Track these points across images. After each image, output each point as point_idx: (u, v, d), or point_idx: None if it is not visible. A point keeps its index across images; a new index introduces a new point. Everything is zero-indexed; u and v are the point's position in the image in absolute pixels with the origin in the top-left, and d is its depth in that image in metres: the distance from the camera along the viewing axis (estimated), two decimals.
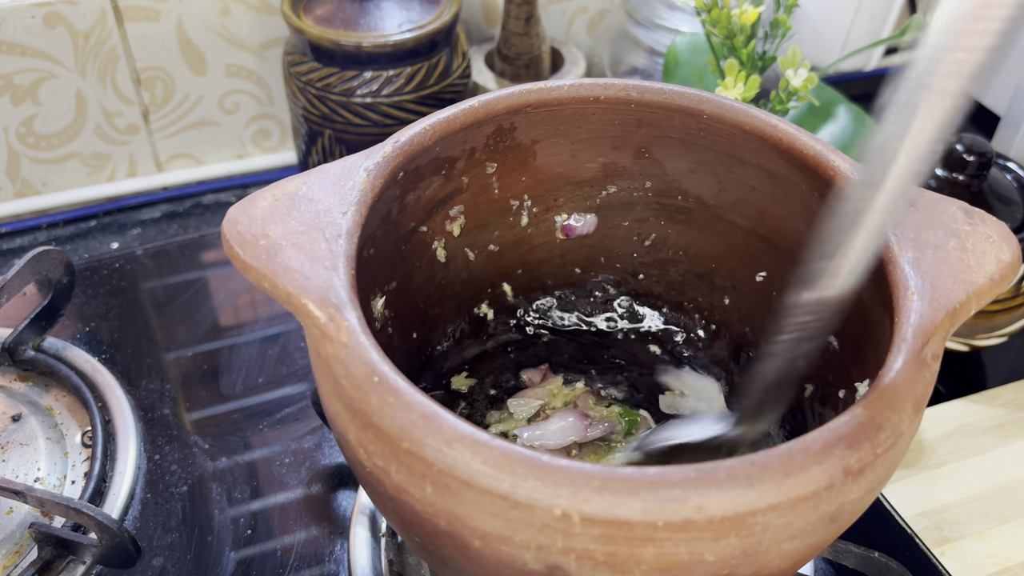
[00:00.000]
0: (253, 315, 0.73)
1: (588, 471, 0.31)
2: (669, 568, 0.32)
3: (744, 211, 0.53)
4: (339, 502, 0.60)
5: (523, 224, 0.57)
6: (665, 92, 0.50)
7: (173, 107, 0.82)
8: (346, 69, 0.73)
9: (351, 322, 0.37)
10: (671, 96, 0.50)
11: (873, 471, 0.34)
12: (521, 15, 0.78)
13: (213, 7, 0.78)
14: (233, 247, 0.40)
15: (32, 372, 0.66)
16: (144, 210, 0.84)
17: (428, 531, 0.35)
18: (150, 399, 0.65)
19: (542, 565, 0.33)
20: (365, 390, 0.35)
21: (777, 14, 0.67)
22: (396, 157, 0.45)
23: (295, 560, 0.57)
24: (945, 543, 0.57)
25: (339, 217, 0.41)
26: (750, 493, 0.31)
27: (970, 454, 0.62)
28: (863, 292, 0.45)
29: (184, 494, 0.60)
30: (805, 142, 0.46)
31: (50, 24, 0.74)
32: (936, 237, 0.42)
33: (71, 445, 0.62)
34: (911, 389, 0.35)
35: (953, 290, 0.40)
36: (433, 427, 0.33)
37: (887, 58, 1.05)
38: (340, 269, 0.39)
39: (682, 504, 0.31)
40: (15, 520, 0.56)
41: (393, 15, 0.74)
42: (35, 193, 0.82)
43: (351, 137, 0.76)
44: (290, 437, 0.64)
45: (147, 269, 0.76)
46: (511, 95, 0.50)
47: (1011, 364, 0.71)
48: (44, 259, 0.64)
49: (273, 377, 0.68)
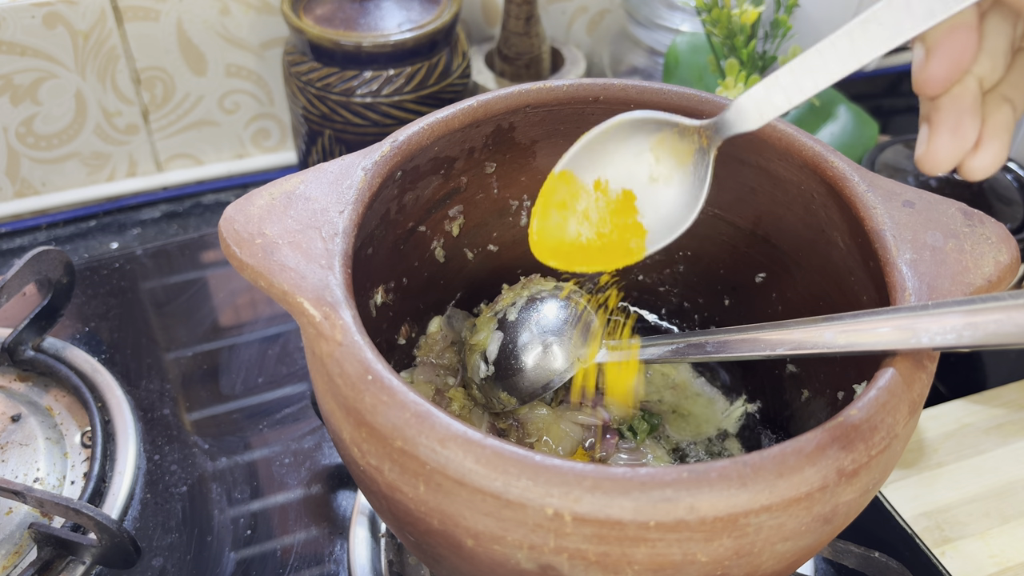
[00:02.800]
0: (253, 315, 0.73)
1: (580, 471, 0.31)
2: (662, 568, 0.32)
3: (744, 212, 0.53)
4: (339, 502, 0.60)
5: (522, 224, 0.57)
6: (665, 92, 0.50)
7: (173, 107, 0.82)
8: (346, 69, 0.73)
9: (346, 321, 0.37)
10: (671, 96, 0.50)
11: (868, 472, 0.34)
12: (521, 15, 0.78)
13: (213, 7, 0.78)
14: (230, 245, 0.40)
15: (32, 372, 0.66)
16: (144, 210, 0.84)
17: (421, 530, 0.35)
18: (150, 399, 0.66)
19: (535, 564, 0.33)
20: (359, 388, 0.35)
21: (777, 14, 0.67)
22: (394, 156, 0.45)
23: (295, 560, 0.57)
24: (946, 543, 0.57)
25: (336, 216, 0.41)
26: (743, 494, 0.31)
27: (971, 454, 0.62)
28: (862, 293, 0.45)
29: (184, 494, 0.60)
30: (804, 143, 0.46)
31: (50, 24, 0.74)
32: (934, 238, 0.41)
33: (71, 445, 0.62)
34: (907, 390, 0.35)
35: (951, 292, 0.39)
36: (426, 426, 0.33)
37: (887, 58, 1.05)
38: (336, 268, 0.39)
39: (674, 504, 0.31)
40: (15, 520, 0.56)
41: (393, 15, 0.74)
42: (35, 193, 0.82)
43: (351, 137, 0.76)
44: (290, 437, 0.64)
45: (147, 269, 0.76)
46: (510, 95, 0.50)
47: (1011, 364, 0.71)
48: (44, 259, 0.64)
49: (273, 377, 0.68)
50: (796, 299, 0.52)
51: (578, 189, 0.45)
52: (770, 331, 0.41)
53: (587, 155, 0.44)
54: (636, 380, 0.53)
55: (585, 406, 0.54)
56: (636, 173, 0.44)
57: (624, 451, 0.53)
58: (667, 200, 0.43)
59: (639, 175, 0.44)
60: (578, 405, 0.54)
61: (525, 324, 0.51)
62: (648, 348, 0.49)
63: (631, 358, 0.50)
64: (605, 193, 0.45)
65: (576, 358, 0.50)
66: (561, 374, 0.50)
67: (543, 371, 0.50)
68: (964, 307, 0.34)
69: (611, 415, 0.54)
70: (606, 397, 0.54)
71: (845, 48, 0.33)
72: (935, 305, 0.35)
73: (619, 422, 0.54)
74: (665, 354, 0.48)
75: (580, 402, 0.54)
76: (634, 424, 0.54)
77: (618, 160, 0.44)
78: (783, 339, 0.40)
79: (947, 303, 0.35)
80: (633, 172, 0.44)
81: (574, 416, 0.53)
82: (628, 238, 0.45)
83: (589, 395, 0.54)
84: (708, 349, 0.45)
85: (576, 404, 0.54)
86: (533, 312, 0.51)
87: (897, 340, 0.35)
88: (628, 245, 0.45)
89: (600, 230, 0.45)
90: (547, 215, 0.45)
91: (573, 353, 0.50)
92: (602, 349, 0.51)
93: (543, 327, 0.51)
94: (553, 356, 0.50)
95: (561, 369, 0.50)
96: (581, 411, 0.53)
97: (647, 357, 0.49)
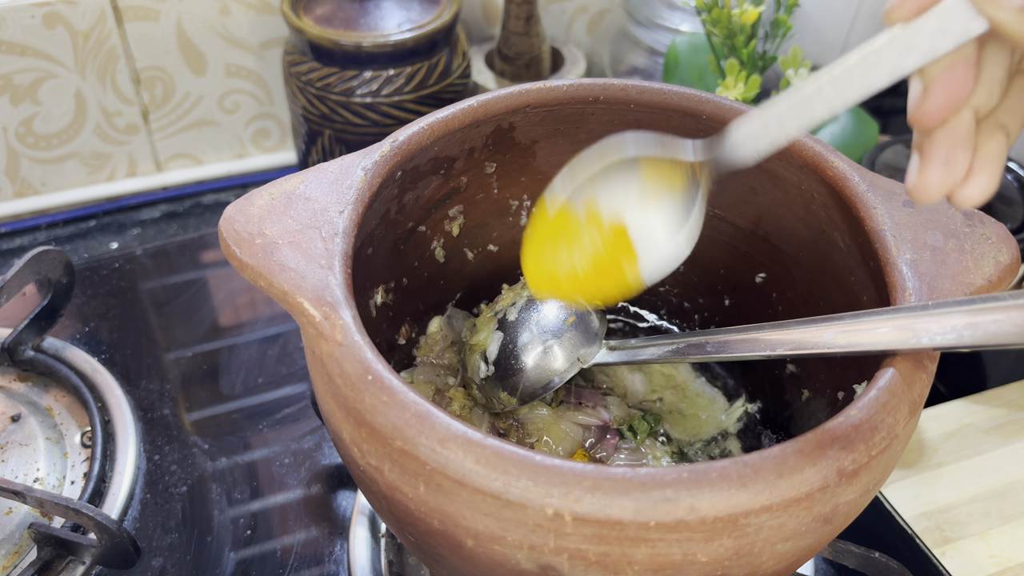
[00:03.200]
0: (253, 315, 0.73)
1: (580, 471, 0.31)
2: (662, 568, 0.32)
3: (744, 212, 0.53)
4: (339, 502, 0.60)
5: (522, 224, 0.57)
6: (664, 92, 0.50)
7: (173, 107, 0.82)
8: (346, 69, 0.73)
9: (346, 321, 0.37)
10: (670, 96, 0.50)
11: (868, 472, 0.34)
12: (521, 15, 0.78)
13: (213, 7, 0.78)
14: (230, 245, 0.40)
15: (32, 372, 0.66)
16: (144, 210, 0.84)
17: (421, 530, 0.35)
18: (150, 399, 0.65)
19: (535, 565, 0.33)
20: (359, 388, 0.35)
21: (777, 14, 0.67)
22: (394, 156, 0.45)
23: (295, 560, 0.57)
24: (946, 543, 0.57)
25: (336, 216, 0.41)
26: (743, 494, 0.31)
27: (971, 454, 0.62)
28: (862, 293, 0.45)
29: (184, 494, 0.60)
30: (805, 143, 0.46)
31: (50, 24, 0.74)
32: (934, 238, 0.41)
33: (70, 445, 0.62)
34: (907, 390, 0.35)
35: (951, 292, 0.39)
36: (426, 426, 0.33)
37: None
38: (336, 268, 0.39)
39: (674, 504, 0.31)
40: (15, 520, 0.56)
41: (393, 15, 0.74)
42: (35, 193, 0.82)
43: (351, 137, 0.76)
44: (290, 437, 0.64)
45: (147, 269, 0.76)
46: (510, 95, 0.50)
47: (1011, 364, 0.71)
48: (44, 259, 0.64)
49: (273, 377, 0.68)
50: (796, 299, 0.52)
51: (568, 219, 0.43)
52: (770, 331, 0.41)
53: (577, 183, 0.43)
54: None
55: (585, 406, 0.54)
56: (628, 203, 0.43)
57: (624, 451, 0.53)
58: (660, 231, 0.42)
59: (631, 205, 0.43)
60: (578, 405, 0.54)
61: (525, 324, 0.51)
62: (648, 348, 0.49)
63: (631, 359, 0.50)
64: (597, 223, 0.43)
65: (576, 358, 0.50)
66: (561, 374, 0.50)
67: (543, 371, 0.50)
68: (964, 307, 0.34)
69: (611, 415, 0.54)
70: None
71: (844, 83, 0.32)
72: (935, 305, 0.35)
73: (619, 422, 0.54)
74: (665, 354, 0.48)
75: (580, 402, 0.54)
76: (634, 424, 0.54)
77: (610, 188, 0.43)
78: (783, 339, 0.40)
79: (947, 303, 0.35)
80: (625, 202, 0.43)
81: (574, 416, 0.53)
82: (623, 269, 0.43)
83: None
84: (708, 349, 0.45)
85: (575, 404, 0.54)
86: (533, 312, 0.51)
87: (897, 340, 0.35)
88: (624, 277, 0.43)
89: (593, 260, 0.44)
90: (539, 245, 0.44)
91: (573, 353, 0.50)
92: (602, 349, 0.51)
93: (543, 327, 0.51)
94: (553, 356, 0.50)
95: (561, 369, 0.50)
96: (581, 411, 0.53)
97: (647, 357, 0.49)
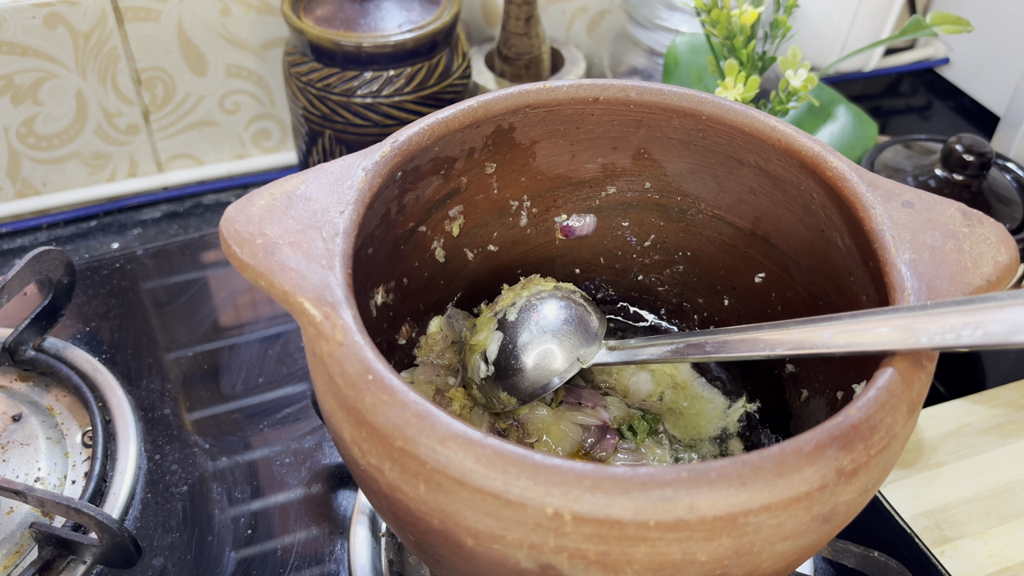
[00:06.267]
0: (253, 315, 0.73)
1: (580, 470, 0.31)
2: (661, 568, 0.32)
3: (743, 212, 0.53)
4: (339, 502, 0.60)
5: (522, 224, 0.57)
6: (664, 93, 0.50)
7: (173, 107, 0.82)
8: (346, 69, 0.73)
9: (347, 321, 0.37)
10: (670, 97, 0.50)
11: (867, 472, 0.34)
12: (521, 15, 0.78)
13: (213, 7, 0.78)
14: (230, 245, 0.40)
15: (32, 372, 0.66)
16: (144, 210, 0.84)
17: (421, 529, 0.35)
18: (150, 399, 0.66)
19: (535, 564, 0.33)
20: (359, 388, 0.35)
21: (777, 14, 0.67)
22: (394, 157, 0.45)
23: (295, 560, 0.57)
24: (945, 543, 0.57)
25: (336, 216, 0.41)
26: (742, 493, 0.31)
27: (970, 454, 0.62)
28: (861, 293, 0.45)
29: (184, 494, 0.60)
30: (804, 143, 0.46)
31: (50, 24, 0.74)
32: (933, 238, 0.42)
33: (71, 445, 0.62)
34: (906, 390, 0.35)
35: (950, 292, 0.39)
36: (426, 426, 0.33)
37: (887, 58, 1.05)
38: (337, 268, 0.39)
39: (674, 504, 0.31)
40: (15, 520, 0.56)
41: (393, 15, 0.74)
42: (36, 193, 0.82)
43: (351, 137, 0.76)
44: (290, 437, 0.64)
45: (147, 269, 0.76)
46: (510, 95, 0.50)
47: (1011, 364, 0.71)
48: (44, 259, 0.64)
49: (273, 377, 0.68)
50: (796, 299, 0.52)
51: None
52: (770, 331, 0.42)
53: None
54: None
55: (585, 406, 0.54)
56: None
57: (624, 451, 0.53)
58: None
59: None
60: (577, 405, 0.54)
61: (525, 324, 0.51)
62: (647, 348, 0.50)
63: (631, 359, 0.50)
64: None
65: (576, 358, 0.51)
66: (561, 374, 0.50)
67: (543, 371, 0.50)
68: (963, 307, 0.34)
69: (611, 415, 0.54)
70: None
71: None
72: (934, 305, 0.35)
73: (619, 422, 0.54)
74: (665, 354, 0.48)
75: (580, 402, 0.54)
76: (634, 424, 0.54)
77: None
78: (783, 339, 0.40)
79: (946, 303, 0.35)
80: None
81: (574, 416, 0.53)
82: None
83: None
84: (708, 349, 0.45)
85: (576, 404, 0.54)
86: (533, 312, 0.51)
87: (896, 340, 0.36)
88: None
89: None
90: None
91: (573, 353, 0.51)
92: (601, 349, 0.51)
93: (543, 327, 0.51)
94: (553, 356, 0.50)
95: (561, 369, 0.50)
96: (581, 411, 0.53)
97: (646, 357, 0.49)
